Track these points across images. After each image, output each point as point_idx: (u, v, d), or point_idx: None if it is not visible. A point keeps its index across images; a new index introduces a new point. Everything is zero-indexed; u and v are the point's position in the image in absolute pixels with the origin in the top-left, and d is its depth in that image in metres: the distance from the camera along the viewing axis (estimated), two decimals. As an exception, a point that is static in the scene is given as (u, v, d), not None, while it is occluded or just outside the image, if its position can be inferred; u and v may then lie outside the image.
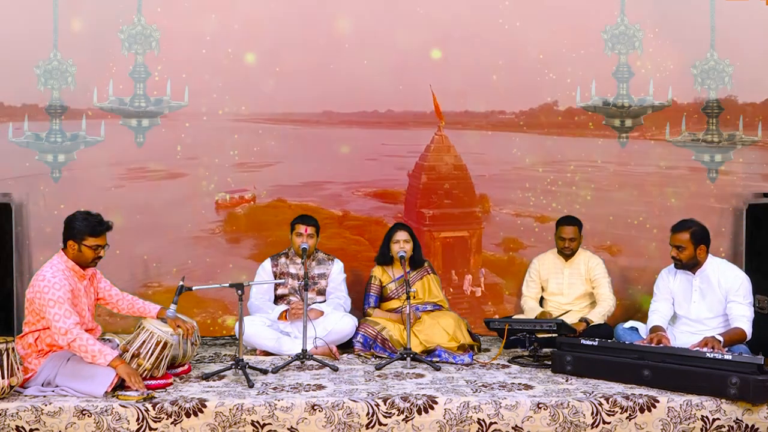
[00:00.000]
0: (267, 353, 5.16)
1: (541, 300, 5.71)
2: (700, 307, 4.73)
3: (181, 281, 4.49)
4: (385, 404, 3.92)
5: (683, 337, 4.71)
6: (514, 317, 5.45)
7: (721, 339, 4.36)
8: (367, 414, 3.90)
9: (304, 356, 4.76)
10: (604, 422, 3.92)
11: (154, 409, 3.85)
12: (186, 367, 4.61)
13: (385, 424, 3.89)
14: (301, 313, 4.95)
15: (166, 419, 3.84)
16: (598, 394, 4.04)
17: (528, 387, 4.25)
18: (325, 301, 5.46)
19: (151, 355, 4.16)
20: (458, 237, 6.19)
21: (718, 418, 3.94)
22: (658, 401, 3.96)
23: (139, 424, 3.82)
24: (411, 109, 6.09)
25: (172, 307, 4.42)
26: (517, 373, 4.63)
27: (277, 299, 5.46)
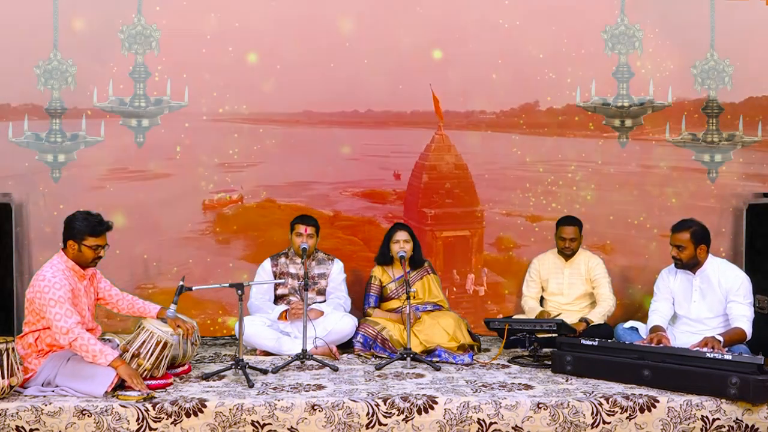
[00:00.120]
0: (267, 353, 5.16)
1: (542, 300, 5.71)
2: (700, 306, 4.73)
3: (181, 281, 4.49)
4: (385, 404, 3.92)
5: (683, 337, 4.71)
6: (515, 317, 5.46)
7: (721, 339, 4.36)
8: (367, 414, 3.90)
9: (304, 356, 4.76)
10: (604, 422, 3.92)
11: (154, 409, 3.85)
12: (186, 367, 4.61)
13: (385, 424, 3.89)
14: (301, 313, 4.94)
15: (166, 419, 3.85)
16: (598, 394, 4.04)
17: (528, 387, 4.25)
18: (325, 301, 5.46)
19: (151, 355, 4.16)
20: (460, 236, 6.19)
21: (718, 418, 3.94)
22: (658, 401, 3.96)
23: (139, 424, 3.82)
24: (411, 109, 6.09)
25: (172, 307, 4.42)
26: (517, 373, 4.63)
27: (277, 299, 5.46)
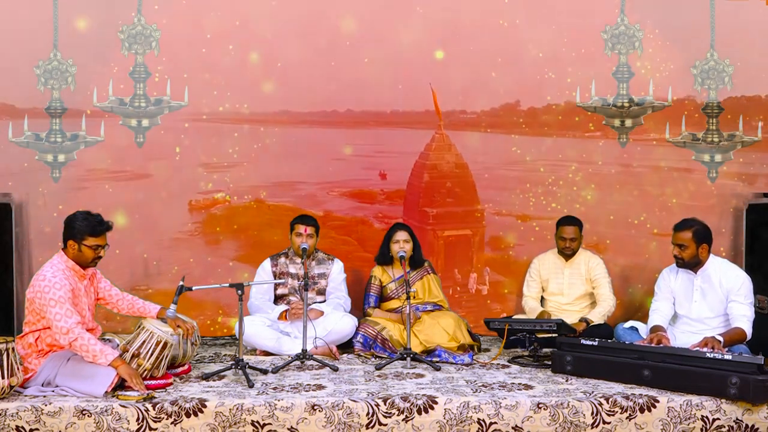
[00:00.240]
0: (267, 353, 5.16)
1: (542, 300, 5.71)
2: (701, 306, 4.73)
3: (181, 281, 4.48)
4: (385, 404, 3.92)
5: (684, 337, 4.71)
6: (515, 317, 5.45)
7: (721, 339, 4.36)
8: (367, 414, 3.90)
9: (304, 356, 4.76)
10: (604, 422, 3.92)
11: (154, 409, 3.85)
12: (186, 367, 4.61)
13: (385, 424, 3.89)
14: (301, 313, 4.94)
15: (166, 419, 3.84)
16: (598, 394, 4.04)
17: (528, 387, 4.25)
18: (325, 301, 5.46)
19: (151, 355, 4.16)
20: (461, 235, 6.19)
21: (718, 418, 3.94)
22: (658, 401, 3.96)
23: (139, 424, 3.82)
24: (411, 109, 6.09)
25: (172, 307, 4.42)
26: (517, 373, 4.63)
27: (277, 299, 5.46)
